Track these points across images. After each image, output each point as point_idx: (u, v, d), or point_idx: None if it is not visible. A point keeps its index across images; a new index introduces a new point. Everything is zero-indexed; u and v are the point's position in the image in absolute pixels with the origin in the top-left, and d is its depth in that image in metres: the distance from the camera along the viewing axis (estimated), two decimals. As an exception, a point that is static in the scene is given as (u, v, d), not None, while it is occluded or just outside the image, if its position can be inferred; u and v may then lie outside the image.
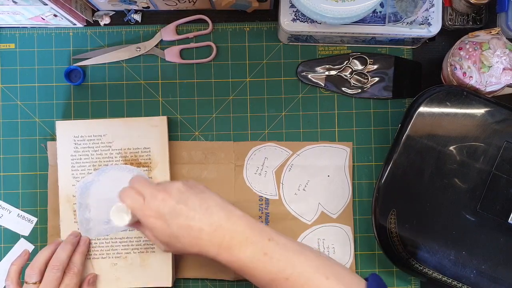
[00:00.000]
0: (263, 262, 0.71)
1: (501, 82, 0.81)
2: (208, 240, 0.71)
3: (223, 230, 0.71)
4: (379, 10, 0.83)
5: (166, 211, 0.71)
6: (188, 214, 0.71)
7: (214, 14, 0.91)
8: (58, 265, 0.80)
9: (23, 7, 0.82)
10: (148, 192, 0.73)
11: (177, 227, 0.71)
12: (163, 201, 0.72)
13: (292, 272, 0.70)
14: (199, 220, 0.71)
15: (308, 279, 0.70)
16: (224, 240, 0.71)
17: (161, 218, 0.72)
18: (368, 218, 0.89)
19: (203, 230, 0.71)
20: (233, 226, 0.72)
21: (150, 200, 0.72)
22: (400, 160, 0.81)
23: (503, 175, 0.80)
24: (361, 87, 0.91)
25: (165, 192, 0.72)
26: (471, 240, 0.80)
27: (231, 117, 0.91)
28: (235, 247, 0.71)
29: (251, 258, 0.71)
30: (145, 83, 0.91)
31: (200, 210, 0.72)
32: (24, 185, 0.90)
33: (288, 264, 0.71)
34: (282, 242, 0.72)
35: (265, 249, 0.71)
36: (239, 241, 0.71)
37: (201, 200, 0.73)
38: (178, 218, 0.71)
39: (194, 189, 0.74)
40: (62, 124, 0.88)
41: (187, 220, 0.71)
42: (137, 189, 0.74)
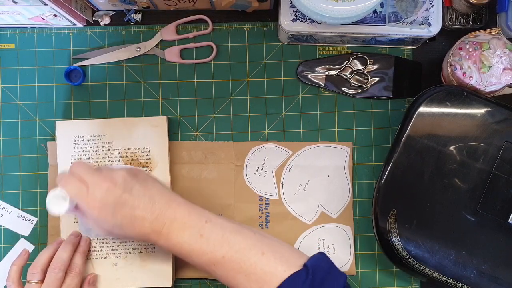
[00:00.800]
0: (200, 243, 0.73)
1: (501, 82, 0.81)
2: (149, 228, 0.73)
3: (163, 217, 0.73)
4: (379, 10, 0.83)
5: (111, 201, 0.72)
6: (133, 203, 0.72)
7: (214, 14, 0.91)
8: (60, 265, 0.80)
9: (23, 7, 0.82)
10: (92, 181, 0.73)
11: (121, 217, 0.72)
12: (108, 190, 0.72)
13: (228, 250, 0.72)
14: (143, 209, 0.73)
15: (243, 255, 0.72)
16: (164, 226, 0.73)
17: (106, 208, 0.72)
18: (368, 218, 0.89)
19: (146, 219, 0.73)
20: (173, 212, 0.73)
21: (95, 189, 0.72)
22: (400, 160, 0.81)
23: (503, 175, 0.80)
24: (361, 87, 0.91)
25: (110, 181, 0.72)
26: (471, 240, 0.80)
27: (231, 117, 0.91)
28: (173, 233, 0.73)
29: (188, 241, 0.73)
30: (145, 83, 0.91)
31: (144, 198, 0.73)
32: (24, 185, 0.90)
33: (224, 243, 0.73)
34: (219, 223, 0.74)
35: (201, 231, 0.73)
36: (177, 227, 0.73)
37: (145, 189, 0.74)
38: (123, 208, 0.72)
39: (138, 177, 0.75)
40: (62, 124, 0.88)
41: (132, 210, 0.72)
42: (79, 176, 0.73)
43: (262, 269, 0.72)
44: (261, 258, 0.72)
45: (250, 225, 0.89)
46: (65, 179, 0.74)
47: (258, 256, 0.72)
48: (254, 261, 0.72)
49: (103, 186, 0.72)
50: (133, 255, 0.87)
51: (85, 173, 0.74)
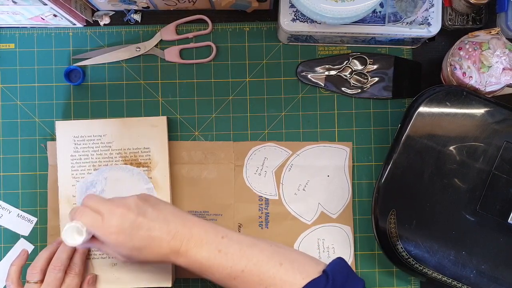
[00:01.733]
0: (219, 259, 0.74)
1: (500, 82, 0.81)
2: (167, 248, 0.74)
3: (180, 236, 0.74)
4: (379, 10, 0.83)
5: (127, 226, 0.73)
6: (149, 225, 0.74)
7: (214, 14, 0.91)
8: (60, 265, 0.80)
9: (23, 7, 0.82)
10: (106, 209, 0.74)
11: (139, 240, 0.73)
12: (123, 216, 0.73)
13: (246, 264, 0.74)
14: (159, 229, 0.74)
15: (262, 267, 0.73)
16: (182, 245, 0.74)
17: (123, 233, 0.73)
18: (368, 218, 0.89)
19: (163, 239, 0.74)
20: (189, 230, 0.75)
21: (109, 216, 0.73)
22: (400, 160, 0.81)
23: (503, 175, 0.80)
24: (361, 87, 0.91)
25: (123, 207, 0.74)
26: (471, 240, 0.80)
27: (231, 117, 0.91)
28: (191, 250, 0.74)
29: (207, 257, 0.74)
30: (145, 83, 0.91)
31: (159, 220, 0.74)
32: (24, 185, 0.90)
33: (242, 257, 0.74)
34: (235, 238, 0.76)
35: (219, 247, 0.74)
36: (195, 244, 0.74)
37: (158, 211, 0.75)
38: (140, 231, 0.73)
39: (149, 201, 0.76)
40: (62, 124, 0.88)
41: (148, 232, 0.74)
42: (92, 207, 0.75)
43: (281, 279, 0.73)
44: (279, 269, 0.73)
45: (249, 225, 0.89)
46: (79, 211, 0.75)
47: (276, 268, 0.74)
48: (272, 272, 0.73)
49: (117, 213, 0.73)
50: (133, 255, 0.87)
51: (98, 203, 0.75)
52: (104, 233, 0.73)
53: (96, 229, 0.74)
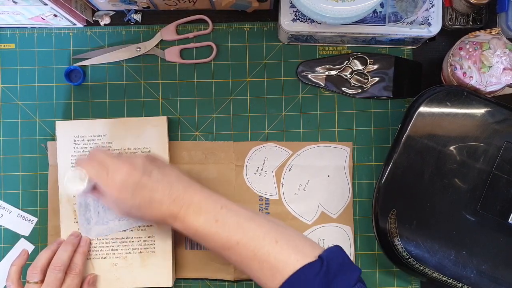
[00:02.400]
0: (215, 228, 0.74)
1: (501, 82, 0.81)
2: (166, 210, 0.75)
3: (180, 201, 0.75)
4: (379, 10, 0.83)
5: (130, 183, 0.74)
6: (152, 186, 0.74)
7: (214, 14, 0.91)
8: (60, 265, 0.80)
9: (23, 7, 0.82)
10: (112, 164, 0.75)
11: (140, 199, 0.74)
12: (128, 173, 0.74)
13: (242, 237, 0.74)
14: (161, 192, 0.75)
15: (257, 242, 0.73)
16: (181, 210, 0.75)
17: (125, 190, 0.74)
18: (368, 218, 0.89)
19: (163, 202, 0.74)
20: (190, 197, 0.75)
21: (115, 171, 0.74)
22: (400, 160, 0.81)
23: (503, 175, 0.80)
24: (361, 87, 0.91)
25: (130, 164, 0.75)
26: (471, 240, 0.80)
27: (231, 117, 0.91)
28: (189, 216, 0.74)
29: (204, 225, 0.74)
30: (145, 83, 0.91)
31: (162, 182, 0.75)
32: (24, 185, 0.90)
33: (238, 229, 0.74)
34: (234, 209, 0.76)
35: (217, 216, 0.74)
36: (194, 210, 0.75)
37: (163, 173, 0.76)
38: (143, 190, 0.74)
39: (156, 162, 0.77)
40: (62, 124, 0.88)
41: (150, 192, 0.74)
42: (99, 159, 0.76)
43: (275, 258, 0.72)
44: (274, 247, 0.73)
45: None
46: (86, 161, 0.76)
47: (272, 245, 0.73)
48: (267, 249, 0.73)
49: (123, 169, 0.74)
50: (133, 255, 0.87)
51: (105, 157, 0.76)
52: (107, 186, 0.74)
53: (100, 181, 0.75)
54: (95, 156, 0.77)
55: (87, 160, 0.77)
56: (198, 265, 0.89)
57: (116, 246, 0.87)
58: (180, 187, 0.76)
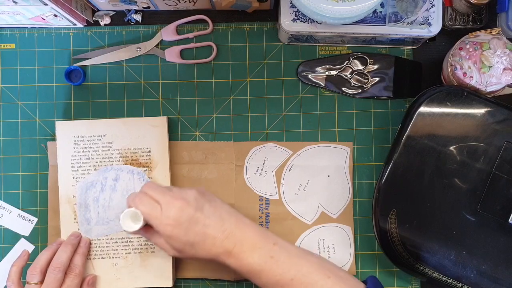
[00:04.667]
0: (270, 265, 0.74)
1: (501, 82, 0.81)
2: (220, 247, 0.74)
3: (234, 237, 0.74)
4: (380, 10, 0.83)
5: (184, 219, 0.73)
6: (205, 221, 0.74)
7: (214, 14, 0.91)
8: (60, 266, 0.80)
9: (23, 7, 0.82)
10: (165, 200, 0.74)
11: (194, 235, 0.74)
12: (181, 209, 0.73)
13: (296, 273, 0.74)
14: (213, 227, 0.74)
15: (311, 278, 0.74)
16: (235, 246, 0.74)
17: (179, 226, 0.73)
18: (368, 218, 0.89)
19: (217, 238, 0.74)
20: (243, 233, 0.75)
21: (168, 208, 0.73)
22: (400, 160, 0.81)
23: (503, 175, 0.80)
24: (362, 87, 0.91)
25: (182, 200, 0.74)
26: (471, 240, 0.80)
27: (231, 117, 0.91)
28: (244, 253, 0.74)
29: (259, 262, 0.74)
30: (145, 83, 0.91)
31: (214, 217, 0.75)
32: (25, 185, 0.90)
33: (292, 266, 0.74)
34: (285, 247, 0.76)
35: (271, 253, 0.75)
36: (248, 247, 0.75)
37: (214, 208, 0.76)
38: (196, 226, 0.74)
39: (206, 196, 0.77)
40: (62, 124, 0.88)
41: (204, 228, 0.74)
42: (151, 196, 0.75)
43: None
44: (327, 282, 0.74)
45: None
46: (139, 198, 0.75)
47: (325, 280, 0.74)
48: (321, 284, 0.74)
49: (176, 205, 0.73)
50: (133, 255, 0.87)
51: (158, 193, 0.75)
52: (161, 224, 0.74)
53: (154, 219, 0.74)
54: (146, 192, 0.76)
55: (140, 197, 0.75)
56: (198, 265, 0.89)
57: (116, 246, 0.87)
58: (232, 222, 0.75)
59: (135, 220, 0.76)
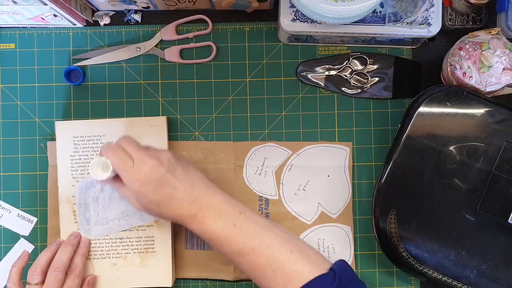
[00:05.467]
0: (233, 233, 0.75)
1: (501, 82, 0.81)
2: (186, 210, 0.75)
3: (200, 202, 0.75)
4: (379, 10, 0.83)
5: (154, 178, 0.74)
6: (175, 184, 0.74)
7: (214, 14, 0.91)
8: (60, 266, 0.80)
9: (23, 7, 0.82)
10: (138, 156, 0.74)
11: (161, 195, 0.74)
12: (153, 167, 0.74)
13: (258, 244, 0.74)
14: (183, 190, 0.75)
15: (273, 251, 0.74)
16: (201, 210, 0.75)
17: (148, 184, 0.74)
18: (368, 218, 0.89)
19: (184, 201, 0.75)
20: (210, 199, 0.76)
21: (140, 164, 0.74)
22: (400, 160, 0.81)
23: (503, 175, 0.80)
24: (361, 87, 0.91)
25: (156, 159, 0.74)
26: (471, 240, 0.80)
27: (231, 117, 0.91)
28: (208, 218, 0.75)
29: (222, 229, 0.75)
30: (145, 83, 0.91)
31: (185, 181, 0.75)
32: (24, 185, 0.90)
33: (255, 236, 0.75)
34: (252, 216, 0.77)
35: (235, 221, 0.75)
36: (213, 213, 0.75)
37: (187, 173, 0.76)
38: (165, 187, 0.74)
39: (181, 161, 0.77)
40: (61, 124, 0.89)
41: (172, 190, 0.74)
42: (126, 149, 0.75)
43: (289, 268, 0.74)
44: (289, 256, 0.74)
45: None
46: (112, 150, 0.75)
47: (287, 254, 0.74)
48: (282, 258, 0.74)
49: (148, 163, 0.74)
50: (133, 255, 0.87)
51: (132, 148, 0.75)
52: (131, 178, 0.74)
53: (124, 172, 0.74)
54: (121, 145, 0.76)
55: (114, 148, 0.75)
56: (198, 265, 0.89)
57: (116, 246, 0.87)
58: (201, 188, 0.76)
59: (105, 170, 0.76)
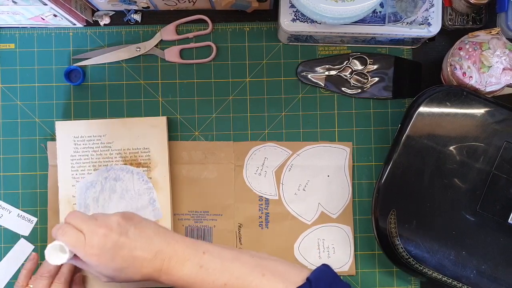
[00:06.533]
0: (201, 275, 0.74)
1: (501, 82, 0.81)
2: (150, 267, 0.74)
3: (162, 255, 0.74)
4: (379, 10, 0.83)
5: (109, 246, 0.72)
6: (131, 245, 0.73)
7: (214, 14, 0.91)
8: (46, 273, 0.79)
9: (23, 7, 0.82)
10: (88, 229, 0.73)
11: (121, 260, 0.73)
12: (105, 236, 0.72)
13: (229, 278, 0.74)
14: (141, 249, 0.73)
15: (244, 280, 0.74)
16: (164, 263, 0.74)
17: (105, 254, 0.72)
18: (368, 218, 0.89)
19: (145, 258, 0.73)
20: (172, 248, 0.74)
21: (91, 236, 0.72)
22: (400, 160, 0.81)
23: (503, 175, 0.80)
24: (361, 87, 0.91)
25: (105, 227, 0.73)
26: (471, 240, 0.80)
27: (231, 117, 0.91)
28: (173, 268, 0.74)
29: (189, 274, 0.74)
30: (145, 83, 0.91)
31: (141, 239, 0.74)
32: (24, 185, 0.90)
33: (224, 271, 0.74)
34: (217, 252, 0.76)
35: (200, 262, 0.74)
36: (177, 261, 0.74)
37: (140, 230, 0.75)
38: (122, 251, 0.73)
39: (132, 220, 0.76)
40: (62, 124, 0.89)
41: (130, 251, 0.73)
42: (74, 225, 0.74)
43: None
44: (262, 280, 0.73)
45: (250, 225, 0.89)
46: (62, 230, 0.73)
47: (259, 279, 0.74)
48: (255, 284, 0.73)
49: (99, 232, 0.72)
50: (133, 255, 0.87)
51: (80, 222, 0.74)
52: (86, 254, 0.72)
53: (78, 249, 0.72)
54: (70, 222, 0.74)
55: (63, 227, 0.73)
56: (198, 265, 0.89)
57: (116, 246, 0.87)
58: (161, 240, 0.74)
59: (62, 251, 0.73)
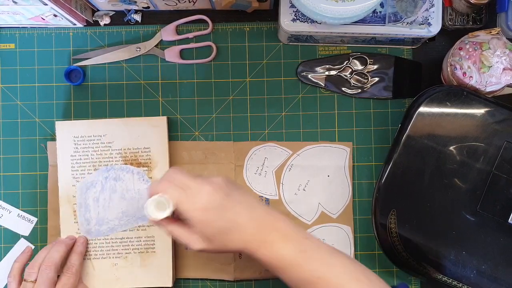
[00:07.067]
0: (300, 260, 0.69)
1: (501, 82, 0.81)
2: (251, 235, 0.70)
3: (265, 226, 0.70)
4: (379, 10, 0.83)
5: (216, 204, 0.69)
6: (235, 209, 0.70)
7: (214, 14, 0.91)
8: (51, 264, 0.79)
9: (23, 7, 0.82)
10: (193, 185, 0.69)
11: (225, 221, 0.69)
12: (212, 193, 0.69)
13: (326, 272, 0.69)
14: (244, 215, 0.70)
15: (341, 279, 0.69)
16: (267, 236, 0.70)
17: (211, 211, 0.69)
18: (368, 218, 0.89)
19: (248, 226, 0.70)
20: (274, 222, 0.70)
21: (198, 192, 0.69)
22: (400, 160, 0.81)
23: (503, 175, 0.80)
24: (361, 87, 0.91)
25: (211, 184, 0.69)
26: (471, 240, 0.80)
27: (231, 117, 0.91)
28: (275, 244, 0.69)
29: (289, 256, 0.69)
30: (145, 83, 0.91)
31: (245, 204, 0.70)
32: (24, 185, 0.90)
33: (323, 264, 0.70)
34: (317, 242, 0.71)
35: (302, 247, 0.70)
36: (280, 238, 0.70)
37: (243, 195, 0.71)
38: (227, 213, 0.69)
39: (235, 184, 0.73)
40: (62, 124, 0.89)
41: (235, 215, 0.69)
42: (177, 181, 0.70)
43: None
44: (356, 285, 0.69)
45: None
46: (163, 184, 0.70)
47: (353, 282, 0.69)
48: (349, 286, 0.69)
49: (206, 189, 0.69)
50: (133, 255, 0.87)
51: (185, 178, 0.70)
52: (191, 208, 0.69)
53: (183, 203, 0.69)
54: (171, 178, 0.70)
55: (165, 182, 0.70)
56: (198, 265, 0.89)
57: (116, 246, 0.87)
58: (262, 211, 0.70)
59: (160, 209, 0.70)
